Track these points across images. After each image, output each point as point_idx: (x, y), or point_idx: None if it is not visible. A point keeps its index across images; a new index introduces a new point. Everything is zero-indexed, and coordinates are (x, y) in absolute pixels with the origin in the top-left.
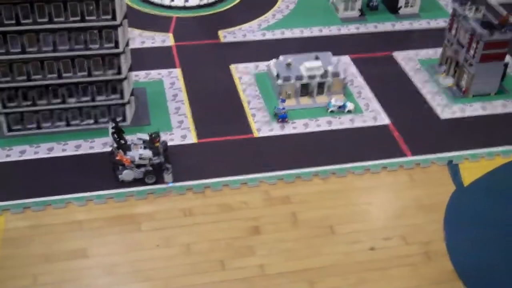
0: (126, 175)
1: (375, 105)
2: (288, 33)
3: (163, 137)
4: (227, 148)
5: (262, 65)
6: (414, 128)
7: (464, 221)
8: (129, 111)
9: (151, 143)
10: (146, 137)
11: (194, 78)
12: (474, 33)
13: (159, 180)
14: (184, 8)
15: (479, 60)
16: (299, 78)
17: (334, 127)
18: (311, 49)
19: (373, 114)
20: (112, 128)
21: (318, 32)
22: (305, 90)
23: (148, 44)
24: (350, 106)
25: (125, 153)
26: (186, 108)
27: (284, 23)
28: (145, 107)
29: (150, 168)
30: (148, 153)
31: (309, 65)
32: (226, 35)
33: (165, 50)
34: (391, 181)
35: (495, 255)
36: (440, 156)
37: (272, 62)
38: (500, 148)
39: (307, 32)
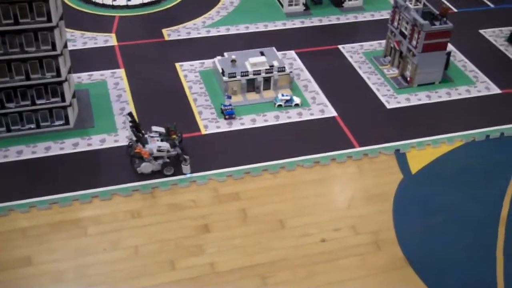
0: (145, 167)
1: (322, 98)
2: (233, 30)
3: (110, 138)
4: None
5: (208, 63)
6: (361, 119)
7: (413, 209)
8: (72, 114)
9: (167, 135)
10: (161, 129)
11: (139, 78)
12: (416, 23)
13: (177, 171)
14: (126, 7)
15: (421, 50)
16: (245, 74)
17: (281, 121)
18: (257, 45)
19: (320, 107)
20: (130, 121)
21: (264, 28)
22: (251, 85)
23: (90, 45)
24: (297, 100)
25: (143, 146)
26: (131, 109)
27: (228, 19)
28: (89, 109)
29: (168, 160)
30: (166, 145)
31: (254, 61)
32: (171, 33)
33: (108, 51)
34: (340, 172)
35: (442, 242)
36: (387, 146)
37: (217, 59)
38: (445, 136)
39: (252, 28)
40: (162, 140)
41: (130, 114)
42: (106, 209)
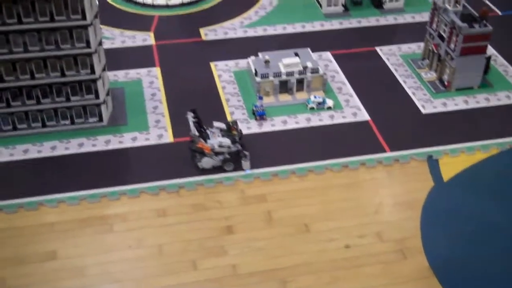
0: (206, 162)
1: (356, 101)
2: (271, 30)
3: (142, 136)
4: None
5: (243, 63)
6: (394, 124)
7: (441, 217)
8: (105, 111)
9: (228, 131)
10: (222, 125)
11: (173, 77)
12: (454, 26)
13: (237, 167)
14: (166, 6)
15: (459, 53)
16: (277, 75)
17: (313, 123)
18: (293, 46)
19: (353, 110)
20: (193, 117)
21: (301, 28)
22: (284, 87)
23: (128, 43)
24: (329, 102)
25: (205, 141)
26: (163, 107)
27: (266, 20)
28: (123, 106)
29: (228, 156)
30: (227, 141)
31: (287, 62)
32: (208, 33)
33: (145, 49)
34: (369, 177)
35: (470, 251)
36: (419, 152)
37: (251, 59)
38: (480, 143)
39: (289, 29)
40: (223, 136)
41: (193, 110)
42: (133, 207)
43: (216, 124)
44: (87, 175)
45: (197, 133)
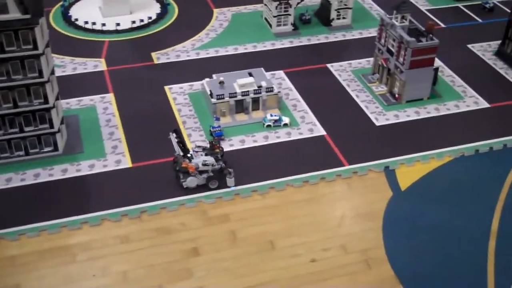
0: (190, 181)
1: (311, 117)
2: (223, 51)
3: (99, 163)
4: (163, 170)
5: (197, 85)
6: (350, 137)
7: (402, 227)
8: (60, 140)
9: (211, 149)
10: (204, 144)
11: (128, 102)
12: (402, 40)
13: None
14: (116, 31)
15: (408, 66)
16: (233, 95)
17: (271, 141)
18: (246, 66)
19: (309, 126)
20: (176, 137)
21: (253, 49)
22: (240, 107)
23: (80, 70)
24: (285, 119)
25: (189, 161)
26: (120, 133)
27: (218, 41)
28: (78, 134)
29: (212, 174)
30: (211, 159)
31: (242, 82)
32: (160, 57)
33: (97, 76)
34: (329, 191)
35: (433, 259)
36: (376, 163)
37: (205, 81)
38: (433, 151)
39: (241, 49)
40: (206, 155)
41: (175, 130)
42: (95, 235)
43: (198, 143)
44: (46, 205)
45: (181, 153)
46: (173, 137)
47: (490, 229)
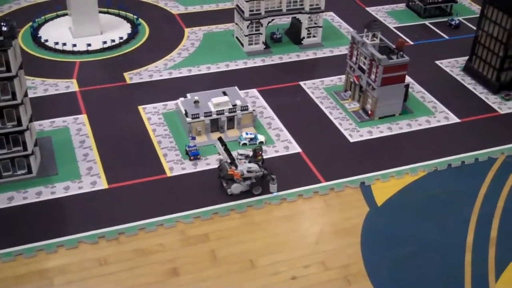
0: (235, 188)
1: (286, 134)
2: (195, 70)
3: (74, 185)
4: (140, 190)
5: (171, 104)
6: (325, 154)
7: (380, 241)
8: (34, 163)
9: (254, 157)
10: (246, 152)
11: (102, 123)
12: (373, 58)
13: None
14: (87, 52)
15: (380, 83)
16: (208, 114)
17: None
18: (219, 85)
19: (285, 143)
20: (222, 145)
21: (225, 67)
22: (215, 125)
23: (51, 91)
24: (261, 138)
25: (236, 168)
26: (94, 154)
27: (190, 61)
28: (52, 156)
29: (254, 181)
30: (255, 166)
31: (217, 101)
32: (132, 77)
33: (69, 97)
34: (307, 208)
35: (411, 272)
36: (352, 179)
37: (180, 100)
38: (407, 167)
39: (214, 68)
40: (250, 162)
41: (220, 139)
42: (72, 258)
43: (240, 151)
44: (21, 229)
45: (229, 160)
46: (218, 145)
47: (465, 241)
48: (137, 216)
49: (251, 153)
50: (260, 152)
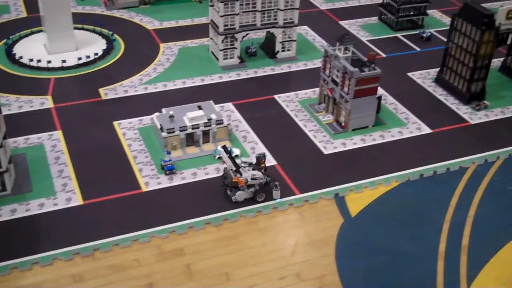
0: (239, 195)
1: (261, 147)
2: (171, 85)
3: (49, 202)
4: (115, 206)
5: (146, 119)
6: (300, 166)
7: (354, 251)
8: (8, 180)
9: (257, 164)
10: (249, 160)
11: (77, 139)
12: (346, 71)
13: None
14: (62, 68)
15: (353, 96)
16: (183, 129)
17: (222, 173)
18: (194, 99)
19: (248, 159)
20: (227, 152)
21: (200, 82)
22: (190, 140)
23: (26, 108)
24: (236, 151)
25: (241, 176)
26: (69, 170)
27: (165, 76)
28: (26, 173)
29: (258, 188)
30: (259, 173)
31: (192, 116)
32: (108, 92)
33: (44, 113)
34: (282, 220)
35: (385, 281)
36: (326, 191)
37: (155, 115)
38: (381, 177)
39: (189, 83)
40: (253, 169)
41: (224, 147)
42: (47, 276)
43: (243, 159)
44: None
45: (234, 168)
46: (223, 153)
47: (438, 249)
48: (112, 232)
49: (254, 161)
50: (263, 160)
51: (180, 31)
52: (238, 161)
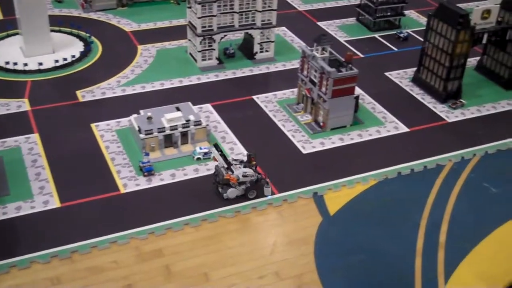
0: (231, 193)
1: (240, 148)
2: (149, 87)
3: (26, 205)
4: (93, 208)
5: (124, 121)
6: (278, 166)
7: (333, 249)
8: None
9: (249, 162)
10: (239, 158)
11: (54, 142)
12: (323, 71)
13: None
14: (39, 71)
15: (331, 96)
16: (161, 130)
17: (201, 174)
18: (173, 101)
19: (239, 157)
20: (218, 150)
21: (179, 83)
22: (168, 141)
23: (2, 111)
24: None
25: (232, 173)
26: (47, 173)
27: (143, 77)
28: (3, 176)
29: (249, 185)
30: (250, 171)
31: (170, 117)
32: (85, 95)
33: (21, 116)
34: (262, 220)
35: (364, 279)
36: (305, 190)
37: (133, 117)
38: (358, 176)
39: (167, 84)
40: (244, 167)
41: (215, 145)
42: (24, 279)
43: (233, 157)
44: None
45: (225, 165)
46: (215, 151)
47: (415, 246)
48: (91, 234)
49: (245, 159)
50: (254, 157)
51: (158, 33)
52: (229, 159)
